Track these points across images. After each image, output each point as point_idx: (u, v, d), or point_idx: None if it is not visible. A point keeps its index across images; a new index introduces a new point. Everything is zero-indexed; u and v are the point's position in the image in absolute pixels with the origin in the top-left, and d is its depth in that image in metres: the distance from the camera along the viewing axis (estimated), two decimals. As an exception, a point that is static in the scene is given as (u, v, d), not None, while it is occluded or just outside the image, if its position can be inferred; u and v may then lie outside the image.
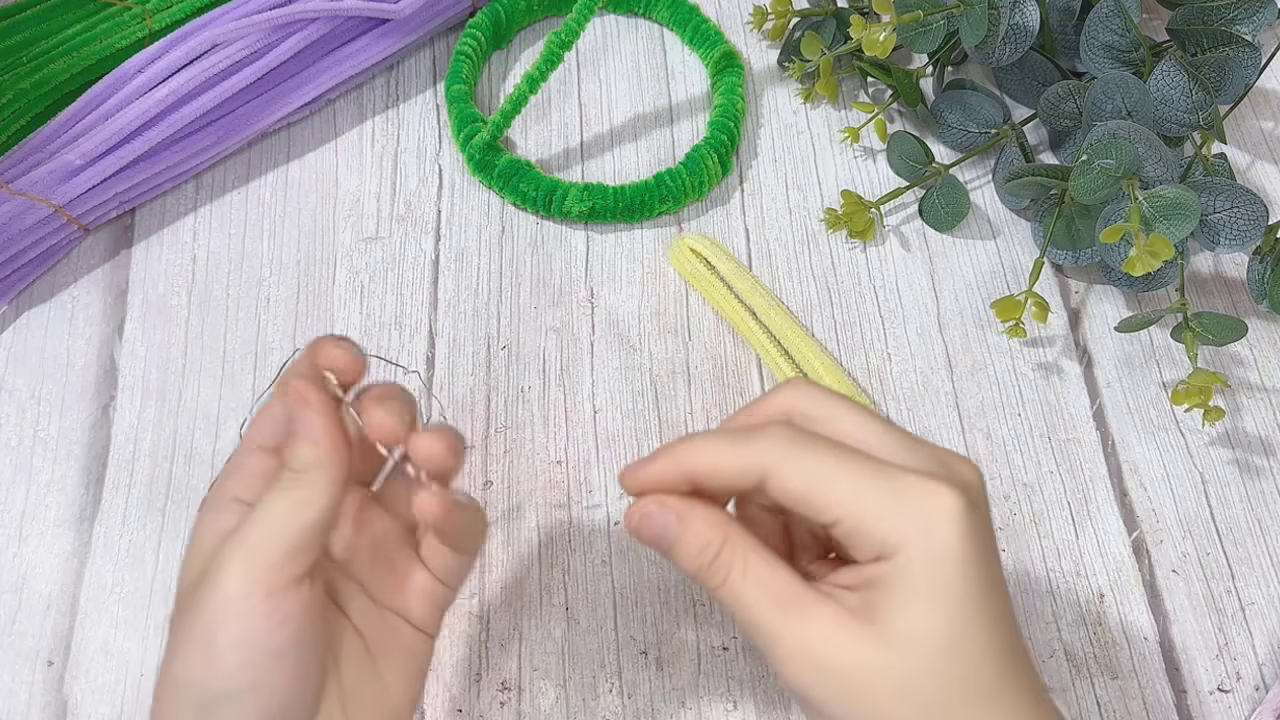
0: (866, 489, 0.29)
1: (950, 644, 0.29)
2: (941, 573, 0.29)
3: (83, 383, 0.47)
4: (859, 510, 0.29)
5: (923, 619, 0.29)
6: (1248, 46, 0.47)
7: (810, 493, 0.29)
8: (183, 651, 0.29)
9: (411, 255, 0.51)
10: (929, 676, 0.29)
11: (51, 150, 0.48)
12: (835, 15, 0.56)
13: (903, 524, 0.29)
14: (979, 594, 0.29)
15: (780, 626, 0.29)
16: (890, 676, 0.29)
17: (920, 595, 0.29)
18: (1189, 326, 0.45)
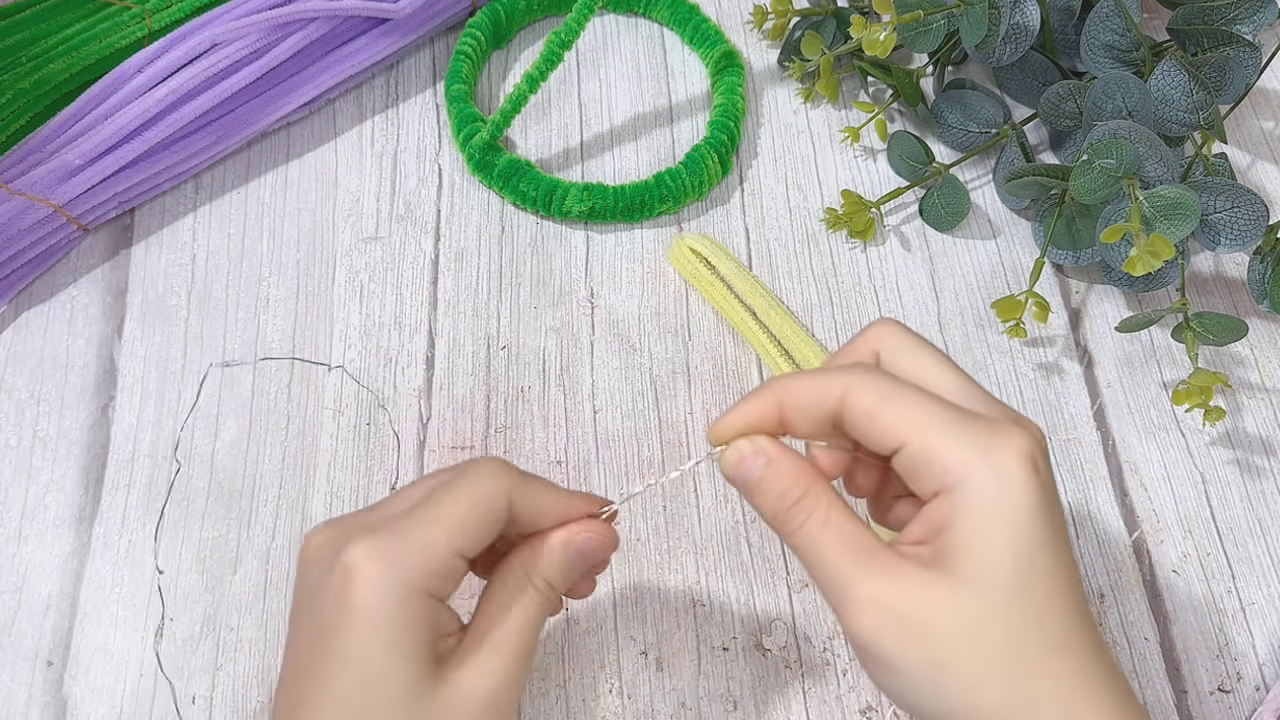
0: (935, 415, 0.29)
1: (1018, 584, 0.28)
2: (1009, 512, 0.28)
3: (82, 383, 0.47)
4: (925, 433, 0.29)
5: (993, 560, 0.28)
6: (1248, 46, 0.47)
7: (879, 412, 0.30)
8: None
9: (411, 255, 0.51)
10: (998, 619, 0.28)
11: (51, 150, 0.48)
12: (835, 15, 0.55)
13: (968, 453, 0.29)
14: (1045, 541, 0.29)
15: (854, 574, 0.29)
16: (960, 618, 0.29)
17: (987, 535, 0.28)
18: (1189, 326, 0.45)
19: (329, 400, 0.47)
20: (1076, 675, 0.29)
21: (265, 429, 0.46)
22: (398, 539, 0.29)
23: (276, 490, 0.45)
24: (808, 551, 0.31)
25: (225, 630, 0.42)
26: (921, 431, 0.29)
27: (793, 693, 0.41)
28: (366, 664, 0.28)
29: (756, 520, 0.45)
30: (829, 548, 0.30)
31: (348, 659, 0.28)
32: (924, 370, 0.32)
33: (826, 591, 0.30)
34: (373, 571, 0.28)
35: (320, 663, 0.29)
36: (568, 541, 0.32)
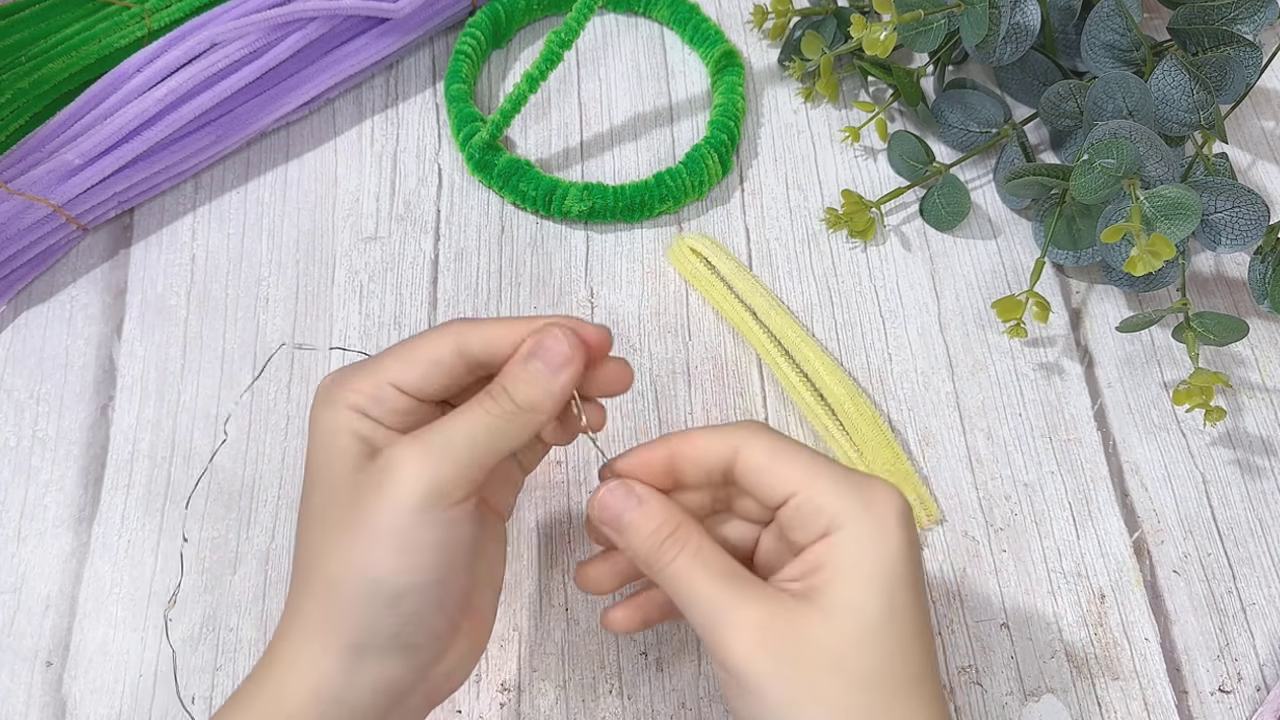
0: (822, 470, 0.32)
1: (886, 620, 0.31)
2: (882, 552, 0.31)
3: (81, 383, 0.47)
4: (813, 485, 0.32)
5: (862, 591, 0.31)
6: (1249, 46, 0.46)
7: (772, 465, 0.32)
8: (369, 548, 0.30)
9: (411, 255, 0.51)
10: (865, 649, 0.30)
11: (50, 150, 0.48)
12: (836, 14, 0.55)
13: (851, 503, 0.31)
14: (911, 583, 0.31)
15: (728, 600, 0.31)
16: (831, 644, 0.30)
17: (862, 569, 0.31)
18: (1190, 326, 0.45)
19: (329, 400, 0.47)
20: (929, 708, 0.31)
21: (265, 429, 0.46)
22: (347, 369, 0.34)
23: (276, 491, 0.45)
24: (681, 582, 0.32)
25: (225, 630, 0.42)
26: (810, 483, 0.32)
27: (793, 693, 0.41)
28: (311, 469, 0.33)
29: (757, 520, 0.45)
30: (702, 577, 0.32)
31: (306, 471, 0.33)
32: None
33: (699, 620, 0.32)
34: (320, 398, 0.33)
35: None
36: (526, 350, 0.33)
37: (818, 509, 0.32)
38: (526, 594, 0.43)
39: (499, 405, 0.32)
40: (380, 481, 0.31)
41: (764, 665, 0.30)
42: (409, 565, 0.30)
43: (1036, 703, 0.42)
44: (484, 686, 0.41)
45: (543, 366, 0.32)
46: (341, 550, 0.31)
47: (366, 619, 0.31)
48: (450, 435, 0.31)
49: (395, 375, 0.33)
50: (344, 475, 0.32)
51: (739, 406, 0.47)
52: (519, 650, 0.42)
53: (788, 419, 0.47)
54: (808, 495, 0.32)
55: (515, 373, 0.32)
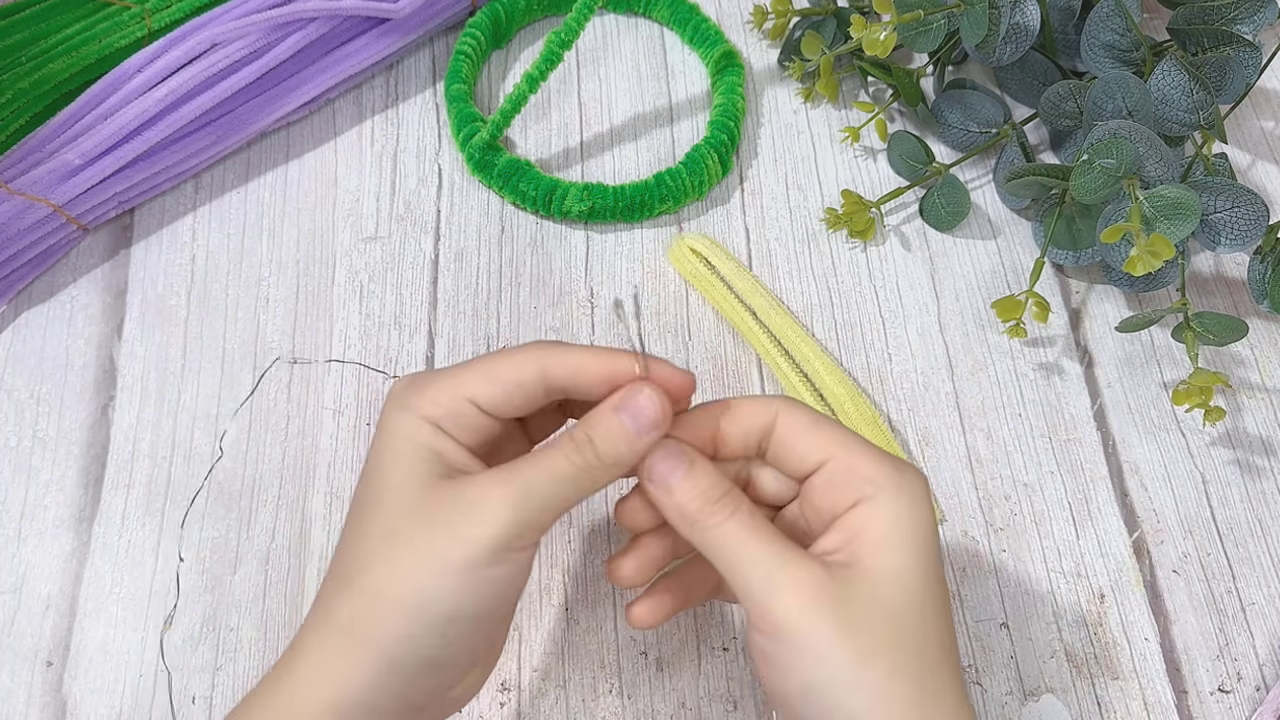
0: (855, 439, 0.33)
1: (925, 587, 0.31)
2: (918, 519, 0.32)
3: (82, 383, 0.47)
4: (849, 451, 0.33)
5: (904, 557, 0.31)
6: (1248, 46, 0.47)
7: (808, 432, 0.33)
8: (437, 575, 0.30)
9: (411, 255, 0.51)
10: (911, 615, 0.31)
11: (50, 150, 0.48)
12: (835, 14, 0.55)
13: (887, 469, 0.32)
14: (938, 557, 0.32)
15: (783, 560, 0.31)
16: (882, 609, 0.30)
17: (902, 535, 0.31)
18: (1190, 326, 0.45)
19: (329, 400, 0.47)
20: (958, 678, 0.32)
21: (265, 429, 0.46)
22: (424, 376, 0.33)
23: (276, 491, 0.45)
24: (730, 545, 0.32)
25: (225, 630, 0.42)
26: (846, 450, 0.33)
27: (793, 693, 0.41)
28: (374, 467, 0.33)
29: (756, 520, 0.45)
30: (754, 538, 0.32)
31: (367, 469, 0.33)
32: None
33: (750, 580, 0.31)
34: (394, 396, 0.33)
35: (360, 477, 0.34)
36: (617, 402, 0.33)
37: (852, 473, 0.32)
38: (527, 594, 0.43)
39: (583, 457, 0.32)
40: (464, 513, 0.31)
41: (821, 625, 0.30)
42: (471, 597, 0.31)
43: (1036, 702, 0.42)
44: (484, 686, 0.41)
45: (631, 425, 0.32)
46: (402, 567, 0.31)
47: (410, 638, 0.30)
48: (536, 481, 0.31)
49: (475, 392, 0.32)
50: (413, 490, 0.31)
51: (739, 406, 0.47)
52: (519, 650, 0.42)
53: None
54: (843, 461, 0.32)
55: (604, 428, 0.32)
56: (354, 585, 0.31)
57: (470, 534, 0.30)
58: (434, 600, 0.30)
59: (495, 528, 0.30)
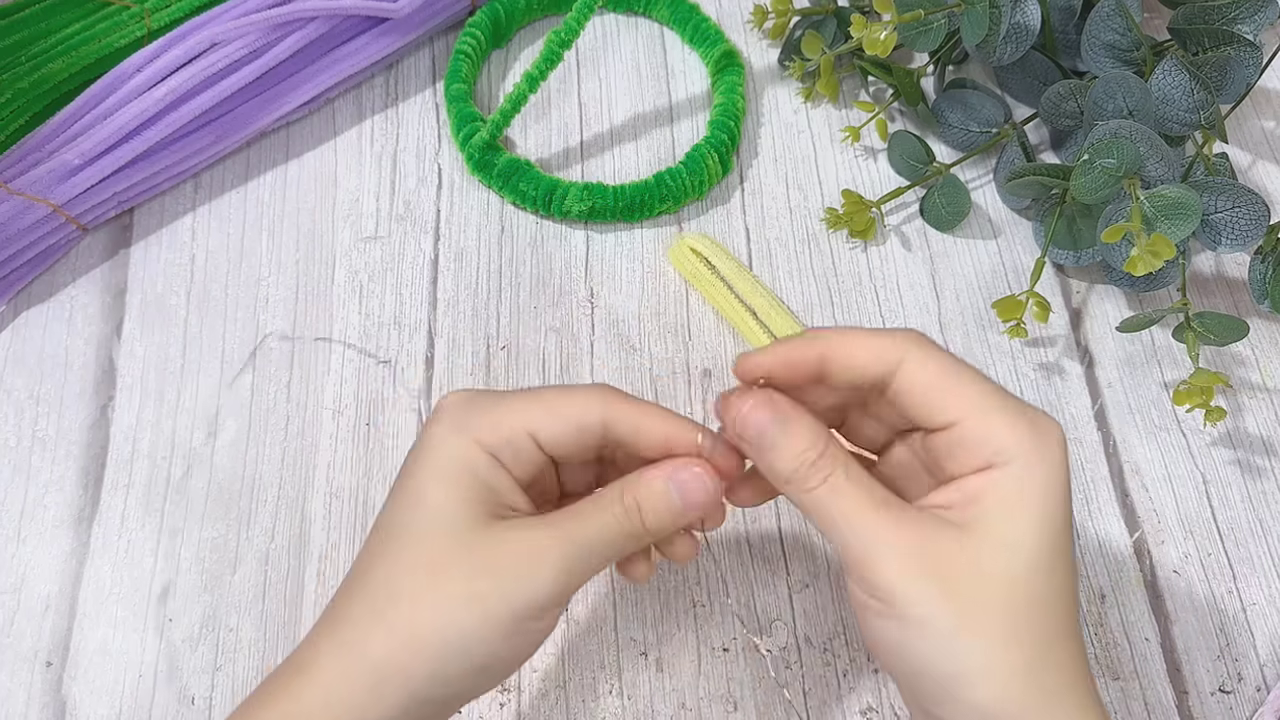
0: (992, 399, 0.30)
1: (1049, 560, 0.29)
2: (1050, 491, 0.29)
3: (81, 383, 0.47)
4: (983, 410, 0.30)
5: (1030, 529, 0.29)
6: (1249, 46, 0.46)
7: (941, 386, 0.30)
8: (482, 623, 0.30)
9: (411, 255, 0.51)
10: (1030, 586, 0.29)
11: (50, 150, 0.48)
12: (836, 14, 0.55)
13: (1022, 434, 0.29)
14: (1069, 526, 0.30)
15: (883, 523, 0.29)
16: (995, 578, 0.29)
17: (1030, 506, 0.29)
18: (1190, 326, 0.45)
19: (328, 400, 0.47)
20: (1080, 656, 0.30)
21: (264, 429, 0.46)
22: (483, 398, 0.32)
23: (276, 491, 0.45)
24: (829, 507, 0.30)
25: (224, 631, 0.42)
26: (979, 410, 0.30)
27: (793, 693, 0.41)
28: (418, 486, 0.31)
29: (757, 521, 0.45)
30: (854, 501, 0.30)
31: (409, 479, 0.32)
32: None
33: (848, 544, 0.30)
34: (449, 414, 0.32)
35: (394, 486, 0.32)
36: (670, 474, 0.32)
37: (984, 440, 0.30)
38: (526, 594, 0.43)
39: (630, 523, 0.31)
40: (516, 566, 0.30)
41: (926, 591, 0.29)
42: (508, 648, 0.30)
43: (1037, 703, 0.42)
44: (484, 687, 0.41)
45: (680, 503, 0.32)
46: (443, 609, 0.30)
47: (442, 681, 0.30)
48: (589, 543, 0.31)
49: (539, 426, 0.32)
50: (462, 524, 0.30)
51: (739, 406, 0.47)
52: (519, 650, 0.42)
53: (788, 419, 0.47)
54: (975, 425, 0.30)
55: (654, 499, 0.32)
56: (387, 619, 0.30)
57: (521, 590, 0.30)
58: (472, 647, 0.30)
59: (547, 586, 0.30)
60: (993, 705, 0.29)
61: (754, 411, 0.31)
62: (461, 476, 0.31)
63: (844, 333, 0.32)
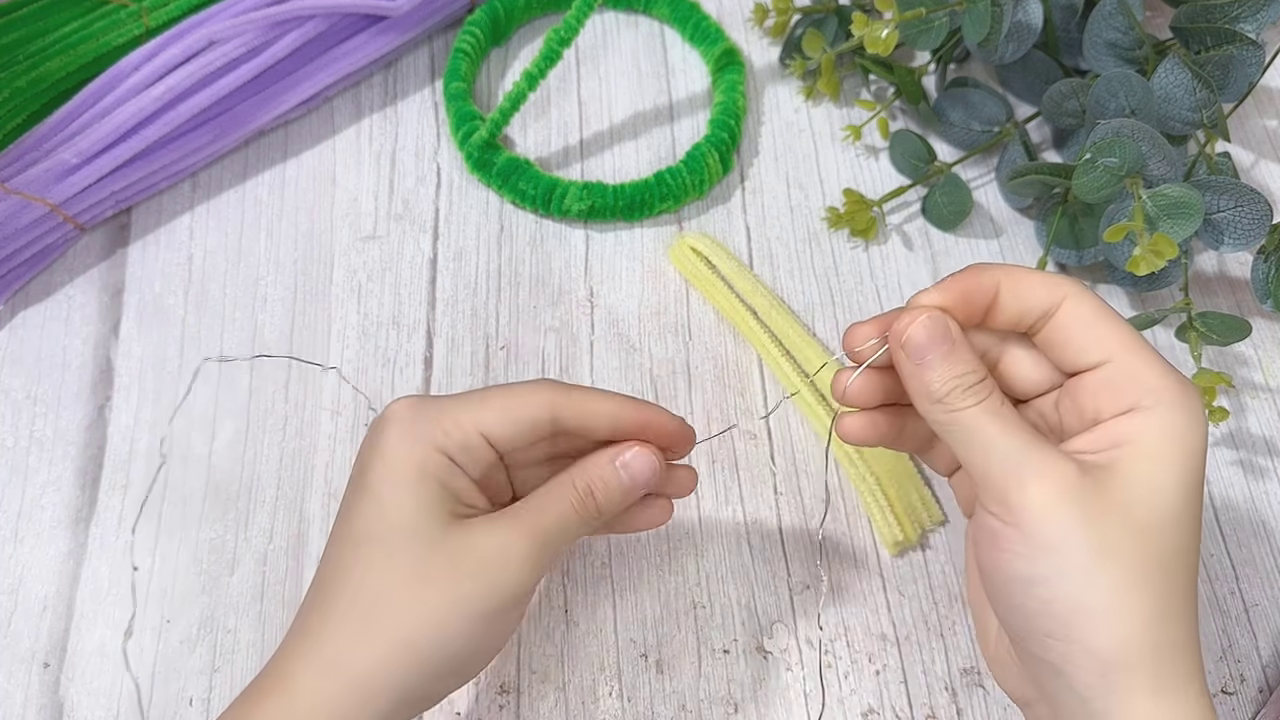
0: (1141, 342, 0.31)
1: (1186, 506, 0.30)
2: (1192, 437, 0.30)
3: (79, 383, 0.47)
4: (1134, 354, 0.30)
5: (1171, 473, 0.29)
6: (1252, 44, 0.46)
7: (1097, 323, 0.31)
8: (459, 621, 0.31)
9: (409, 254, 0.51)
10: (1167, 529, 0.29)
11: (47, 148, 0.48)
12: (837, 12, 0.55)
13: (1170, 382, 0.30)
14: (1203, 476, 0.30)
15: (1027, 452, 0.30)
16: (1137, 516, 0.29)
17: (1174, 450, 0.30)
18: (1193, 326, 0.45)
19: (326, 401, 0.47)
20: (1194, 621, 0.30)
21: (262, 430, 0.46)
22: (432, 404, 0.33)
23: (274, 491, 0.45)
24: (979, 429, 0.30)
25: (222, 632, 0.42)
26: (1130, 352, 0.30)
27: (794, 695, 0.41)
28: (380, 495, 0.32)
29: (757, 521, 0.45)
30: (1002, 426, 0.30)
31: (367, 490, 0.32)
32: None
33: (993, 467, 0.30)
34: (401, 422, 0.33)
35: (350, 496, 0.33)
36: (614, 455, 0.34)
37: (1132, 379, 0.30)
38: (526, 595, 0.43)
39: (586, 508, 0.33)
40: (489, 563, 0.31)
41: (1069, 518, 0.29)
42: (486, 640, 0.32)
43: (1038, 705, 0.41)
44: (483, 689, 0.41)
45: (629, 480, 0.34)
46: (427, 615, 0.31)
47: (422, 681, 0.31)
48: (551, 533, 0.32)
49: (488, 427, 0.33)
50: (433, 530, 0.32)
51: (739, 406, 0.47)
52: (518, 652, 0.42)
53: (789, 419, 0.47)
54: (1125, 364, 0.30)
55: (607, 484, 0.33)
56: (370, 632, 0.31)
57: (498, 586, 0.31)
58: (457, 647, 0.31)
59: (519, 578, 0.31)
60: (1114, 646, 0.29)
61: (924, 326, 0.31)
62: (423, 482, 0.32)
63: (1012, 268, 0.32)
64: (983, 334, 0.33)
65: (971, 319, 0.32)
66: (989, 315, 0.33)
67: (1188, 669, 0.29)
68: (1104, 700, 0.29)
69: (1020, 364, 0.34)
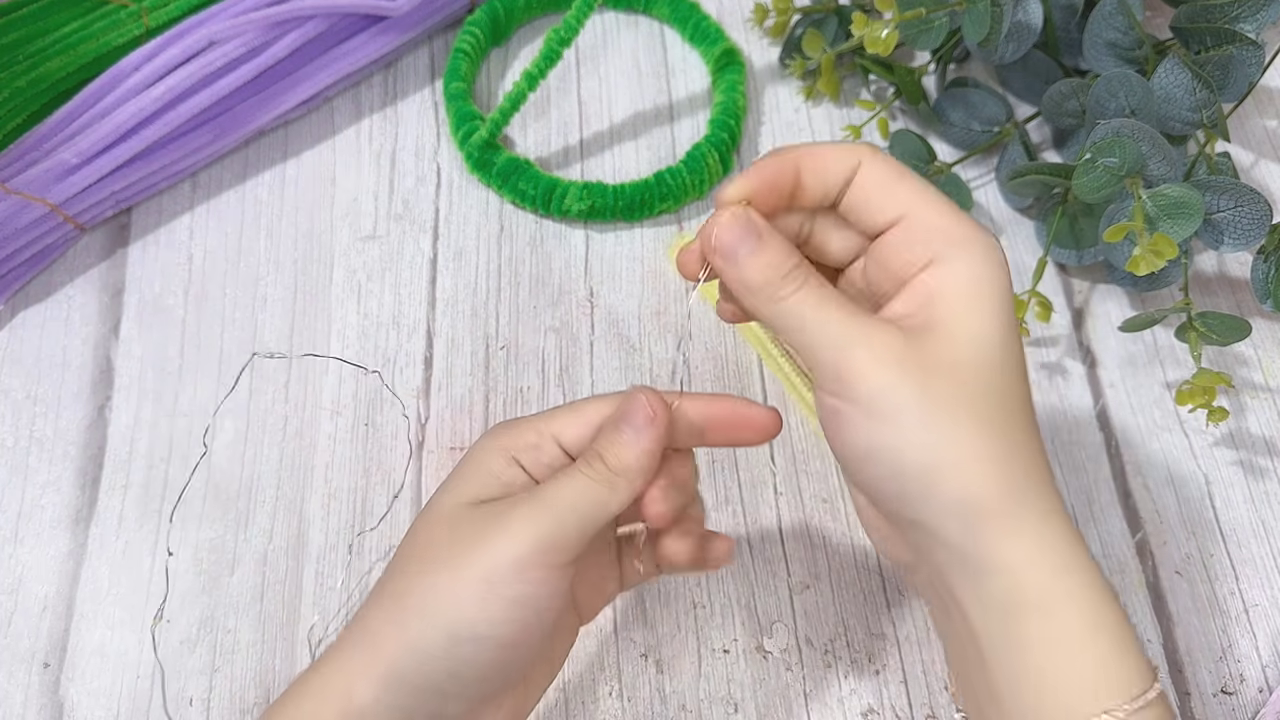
0: (937, 195, 0.31)
1: (1005, 345, 0.30)
2: (996, 276, 0.30)
3: (79, 383, 0.47)
4: (928, 206, 0.31)
5: (986, 320, 0.30)
6: (1251, 44, 0.46)
7: (890, 183, 0.31)
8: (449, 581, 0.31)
9: (409, 254, 0.50)
10: (993, 374, 0.30)
11: (48, 149, 0.48)
12: (837, 12, 0.55)
13: (966, 227, 0.31)
14: (1015, 320, 0.31)
15: (856, 325, 0.30)
16: (962, 370, 0.30)
17: (981, 294, 0.30)
18: (1193, 326, 0.45)
19: (326, 401, 0.47)
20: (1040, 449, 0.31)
21: (263, 430, 0.46)
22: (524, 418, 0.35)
23: (274, 492, 0.45)
24: (802, 314, 0.31)
25: (222, 632, 0.42)
26: (925, 205, 0.31)
27: (794, 695, 0.41)
28: (441, 490, 0.34)
29: (758, 521, 0.44)
30: (825, 306, 0.31)
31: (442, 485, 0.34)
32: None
33: (823, 347, 0.31)
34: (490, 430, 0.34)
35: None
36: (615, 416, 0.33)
37: (929, 230, 0.31)
38: (526, 595, 0.43)
39: (593, 469, 0.32)
40: (488, 529, 0.31)
41: (899, 382, 0.29)
42: (484, 616, 0.30)
43: (1038, 705, 0.41)
44: (483, 688, 0.41)
45: (629, 429, 0.33)
46: (426, 580, 0.31)
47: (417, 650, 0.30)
48: (555, 497, 0.32)
49: (559, 428, 0.34)
50: (459, 513, 0.32)
51: (739, 407, 0.47)
52: (518, 652, 0.42)
53: (788, 419, 0.47)
54: (921, 217, 0.31)
55: (605, 438, 0.33)
56: (383, 596, 0.32)
57: (490, 547, 0.31)
58: (447, 611, 0.30)
59: (515, 541, 0.31)
60: (968, 494, 0.29)
61: (728, 226, 0.31)
62: (476, 476, 0.33)
63: (810, 145, 0.33)
64: (793, 215, 0.34)
65: (779, 204, 0.33)
66: (795, 196, 0.33)
67: (1045, 502, 0.30)
68: (972, 544, 0.30)
69: (830, 235, 0.34)
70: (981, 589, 0.30)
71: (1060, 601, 0.30)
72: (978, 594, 0.30)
